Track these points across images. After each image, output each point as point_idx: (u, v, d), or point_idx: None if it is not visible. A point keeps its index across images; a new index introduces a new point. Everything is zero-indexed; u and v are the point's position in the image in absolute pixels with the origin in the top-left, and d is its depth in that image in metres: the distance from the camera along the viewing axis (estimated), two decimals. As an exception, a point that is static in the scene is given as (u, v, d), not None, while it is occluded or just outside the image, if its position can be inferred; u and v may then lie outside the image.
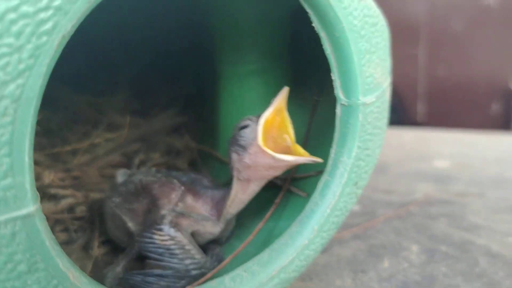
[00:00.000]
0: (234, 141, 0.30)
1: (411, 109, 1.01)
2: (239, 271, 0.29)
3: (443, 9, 0.96)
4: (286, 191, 0.37)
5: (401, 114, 1.02)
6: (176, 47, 0.54)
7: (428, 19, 0.98)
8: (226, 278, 0.29)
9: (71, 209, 0.41)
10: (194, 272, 0.30)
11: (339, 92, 0.29)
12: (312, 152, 0.36)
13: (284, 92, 0.29)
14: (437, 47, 0.98)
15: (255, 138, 0.28)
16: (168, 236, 0.30)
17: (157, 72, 0.55)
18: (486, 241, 0.43)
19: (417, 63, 1.00)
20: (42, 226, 0.20)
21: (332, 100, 0.30)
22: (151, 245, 0.30)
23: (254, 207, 0.40)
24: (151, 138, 0.51)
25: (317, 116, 0.41)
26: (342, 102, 0.29)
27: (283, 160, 0.28)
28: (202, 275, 0.30)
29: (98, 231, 0.38)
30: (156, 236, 0.30)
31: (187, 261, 0.29)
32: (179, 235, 0.30)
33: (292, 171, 0.37)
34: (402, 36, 0.99)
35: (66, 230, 0.40)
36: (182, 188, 0.33)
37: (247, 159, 0.29)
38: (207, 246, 0.37)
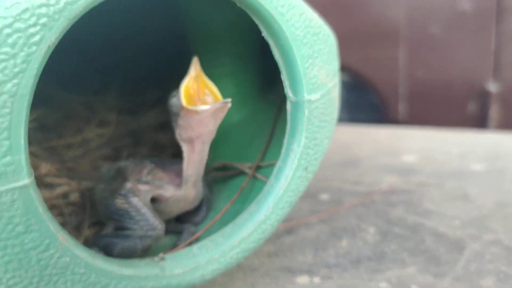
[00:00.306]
0: (169, 114, 0.35)
1: (393, 108, 1.06)
2: (205, 241, 0.34)
3: (422, 14, 1.01)
4: (252, 177, 0.42)
5: (383, 114, 1.07)
6: (163, 52, 0.59)
7: (408, 24, 1.03)
8: (195, 247, 0.34)
9: (65, 195, 0.46)
10: (150, 233, 0.35)
11: (288, 91, 0.34)
12: (279, 145, 0.41)
13: (195, 61, 0.34)
14: (417, 50, 1.03)
15: (180, 102, 0.33)
16: (124, 200, 0.35)
17: (145, 75, 0.61)
18: (435, 224, 0.48)
19: (397, 65, 1.05)
20: (35, 195, 0.25)
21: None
22: (113, 208, 0.36)
23: (225, 193, 0.45)
24: (139, 134, 0.57)
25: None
26: (291, 99, 0.34)
27: (204, 110, 0.32)
28: (158, 236, 0.35)
29: (89, 214, 0.44)
30: (116, 201, 0.35)
31: (142, 223, 0.35)
32: (135, 200, 0.35)
33: (258, 160, 0.43)
34: (383, 40, 1.04)
35: (61, 214, 0.45)
36: (153, 165, 0.38)
37: (181, 122, 0.34)
38: (184, 227, 0.42)
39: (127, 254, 0.34)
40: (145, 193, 0.36)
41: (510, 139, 0.76)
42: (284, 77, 0.34)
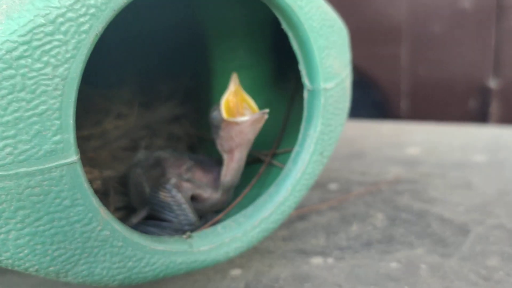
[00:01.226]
0: (211, 126, 0.38)
1: (395, 105, 1.09)
2: (228, 221, 0.37)
3: (423, 12, 1.04)
4: (269, 164, 0.44)
5: (386, 110, 1.09)
6: (176, 47, 0.61)
7: (410, 22, 1.05)
8: (218, 227, 0.36)
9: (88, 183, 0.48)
10: (186, 228, 0.37)
11: (305, 80, 0.36)
12: (294, 131, 0.43)
13: (234, 77, 0.37)
14: (418, 48, 1.05)
15: (221, 115, 0.36)
16: (169, 193, 0.37)
17: (160, 69, 0.63)
18: (440, 210, 0.51)
19: (400, 62, 1.07)
20: (81, 172, 0.27)
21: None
22: (156, 199, 0.38)
23: (244, 179, 0.47)
24: (155, 126, 0.59)
25: (299, 103, 0.48)
26: (308, 88, 0.37)
27: (244, 121, 0.35)
28: (194, 227, 0.38)
29: (113, 200, 0.46)
30: (160, 193, 0.38)
31: (182, 217, 0.37)
32: (178, 195, 0.38)
33: (273, 147, 0.45)
34: (386, 38, 1.06)
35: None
36: (192, 162, 0.40)
37: (222, 133, 0.37)
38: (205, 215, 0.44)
39: None
40: (187, 190, 0.39)
41: (510, 132, 0.79)
42: (301, 66, 0.36)
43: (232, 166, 0.39)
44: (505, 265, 0.39)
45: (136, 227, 0.38)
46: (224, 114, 0.36)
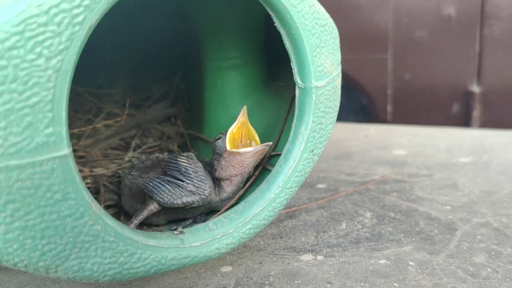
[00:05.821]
0: (213, 151, 0.40)
1: (381, 109, 1.10)
2: (220, 217, 0.37)
3: (409, 19, 1.06)
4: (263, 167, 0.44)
5: (372, 114, 1.11)
6: (168, 48, 0.61)
7: (396, 29, 1.07)
8: (210, 223, 0.36)
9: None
10: (199, 191, 0.38)
11: (297, 78, 0.37)
12: (288, 129, 0.43)
13: (244, 110, 0.39)
14: (404, 54, 1.07)
15: (225, 145, 0.38)
16: (186, 159, 0.39)
17: (151, 70, 0.63)
18: (427, 209, 0.51)
19: (386, 68, 1.09)
20: (73, 165, 0.27)
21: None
22: (173, 165, 0.39)
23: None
24: (145, 126, 0.59)
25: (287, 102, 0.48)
26: (299, 86, 0.37)
27: (246, 152, 0.38)
28: (203, 199, 0.38)
29: (103, 197, 0.46)
30: (179, 159, 0.39)
31: (197, 184, 0.38)
32: (195, 161, 0.39)
33: (269, 151, 0.45)
34: (372, 44, 1.08)
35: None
36: None
37: (224, 162, 0.39)
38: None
39: (170, 201, 0.37)
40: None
41: (494, 135, 0.80)
42: (293, 65, 0.36)
43: (230, 189, 0.41)
44: (492, 262, 0.40)
45: (151, 181, 0.39)
46: (228, 145, 0.39)
